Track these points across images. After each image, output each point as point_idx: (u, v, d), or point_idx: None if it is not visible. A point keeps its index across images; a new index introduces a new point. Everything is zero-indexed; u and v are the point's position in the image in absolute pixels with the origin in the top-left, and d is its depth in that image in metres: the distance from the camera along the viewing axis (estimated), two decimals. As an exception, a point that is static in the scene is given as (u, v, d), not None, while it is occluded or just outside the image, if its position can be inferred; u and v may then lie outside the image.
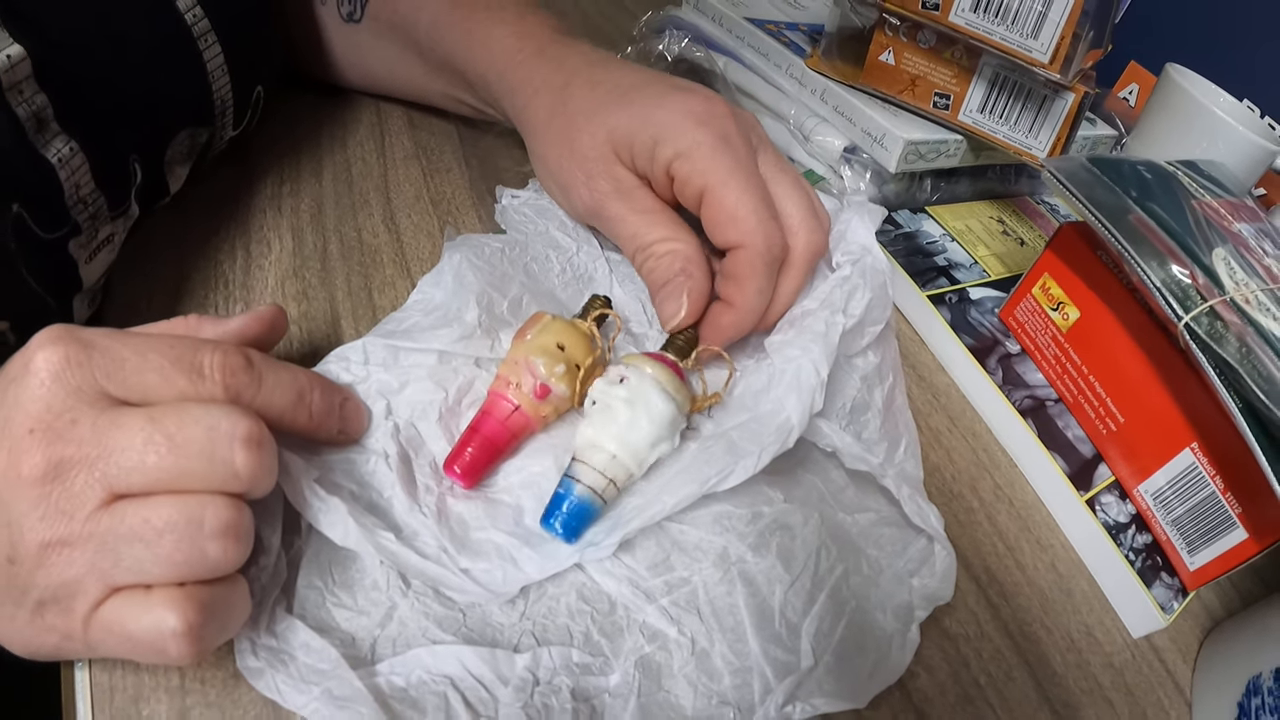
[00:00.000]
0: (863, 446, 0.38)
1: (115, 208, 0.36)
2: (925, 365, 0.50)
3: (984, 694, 0.35)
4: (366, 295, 0.44)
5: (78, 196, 0.34)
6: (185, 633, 0.24)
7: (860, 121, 0.55)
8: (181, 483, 0.25)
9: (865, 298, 0.40)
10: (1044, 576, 0.40)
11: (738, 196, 0.38)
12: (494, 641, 0.30)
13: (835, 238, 0.44)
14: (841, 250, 0.43)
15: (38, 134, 0.32)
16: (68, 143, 0.33)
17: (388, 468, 0.33)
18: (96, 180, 0.35)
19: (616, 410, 0.34)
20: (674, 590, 0.33)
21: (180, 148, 0.42)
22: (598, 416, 0.34)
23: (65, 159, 0.33)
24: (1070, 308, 0.45)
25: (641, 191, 0.41)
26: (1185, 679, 0.39)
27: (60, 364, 0.25)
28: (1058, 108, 0.51)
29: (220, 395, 0.27)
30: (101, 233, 0.36)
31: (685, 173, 0.39)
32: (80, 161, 0.33)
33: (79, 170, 0.33)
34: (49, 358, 0.25)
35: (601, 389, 0.35)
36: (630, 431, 0.33)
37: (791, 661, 0.32)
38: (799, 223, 0.40)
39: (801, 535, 0.35)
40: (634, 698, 0.30)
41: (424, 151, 0.55)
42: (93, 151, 0.34)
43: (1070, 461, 0.44)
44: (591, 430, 0.34)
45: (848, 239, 0.43)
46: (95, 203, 0.35)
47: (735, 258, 0.39)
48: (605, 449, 0.33)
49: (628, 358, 0.36)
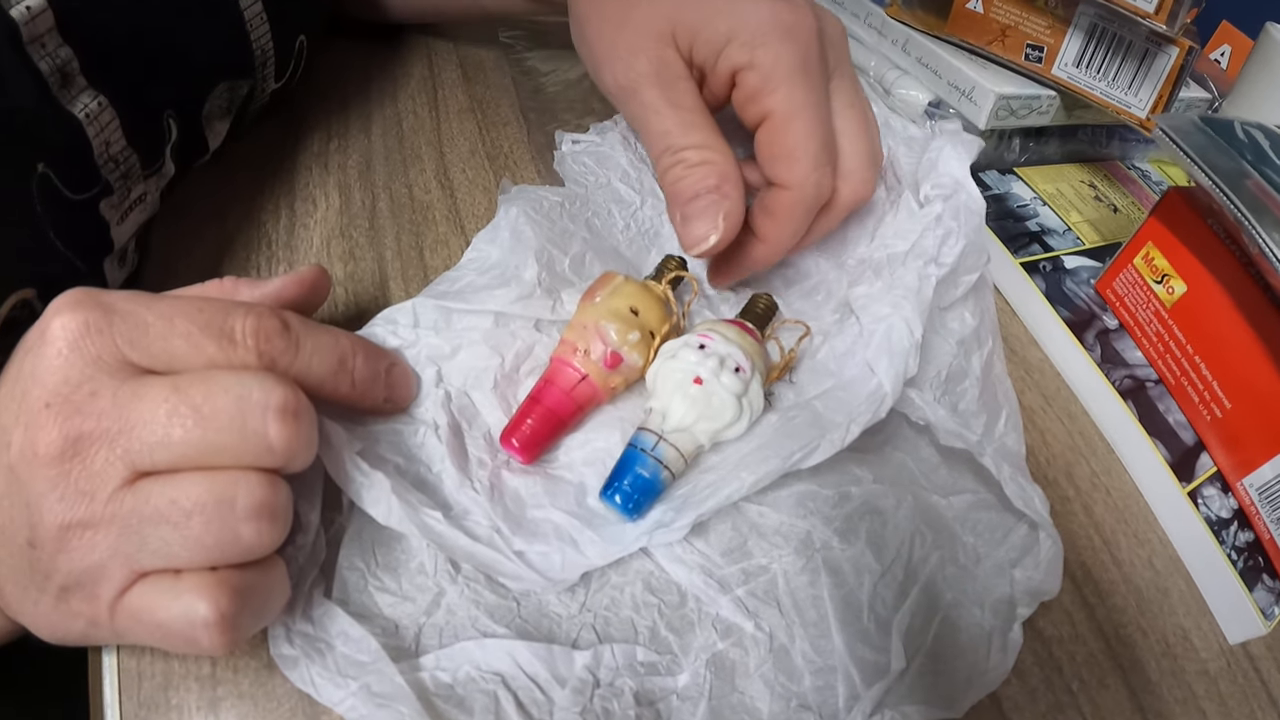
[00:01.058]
0: (959, 420, 0.34)
1: (149, 166, 0.35)
2: (1017, 338, 0.47)
3: (1076, 702, 0.33)
4: (417, 254, 0.42)
5: (108, 155, 0.32)
6: (217, 621, 0.23)
7: (946, 74, 0.53)
8: (211, 458, 0.23)
9: (959, 245, 0.37)
10: (1140, 574, 0.38)
11: (803, 136, 0.35)
12: (551, 635, 0.28)
13: (925, 167, 0.40)
14: (931, 182, 0.40)
15: (63, 89, 0.30)
16: (95, 98, 0.31)
17: (437, 440, 0.30)
18: (128, 137, 0.33)
19: (695, 380, 0.31)
20: (751, 580, 0.30)
21: (219, 101, 0.40)
22: (673, 385, 0.31)
23: (94, 115, 0.31)
24: (1176, 281, 0.42)
25: (686, 84, 0.37)
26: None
27: (78, 331, 0.23)
28: (1160, 63, 0.48)
29: (254, 362, 0.25)
30: (134, 192, 0.34)
31: (753, 87, 0.35)
32: (110, 117, 0.32)
33: (109, 126, 0.32)
34: (66, 325, 0.23)
35: (679, 354, 0.32)
36: (705, 401, 0.31)
37: (881, 663, 0.29)
38: (853, 170, 0.37)
39: (894, 520, 0.32)
40: (704, 701, 0.28)
41: (479, 105, 0.53)
42: (123, 107, 0.32)
43: (1171, 449, 0.41)
44: (662, 398, 0.31)
45: (939, 169, 0.40)
46: (127, 161, 0.33)
47: (779, 197, 0.36)
48: (682, 423, 0.31)
49: (705, 323, 0.33)
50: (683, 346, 0.32)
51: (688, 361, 0.31)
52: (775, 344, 0.36)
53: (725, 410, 0.31)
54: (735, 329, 0.33)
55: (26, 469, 0.23)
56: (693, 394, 0.31)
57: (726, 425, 0.31)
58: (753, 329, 0.34)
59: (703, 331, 0.32)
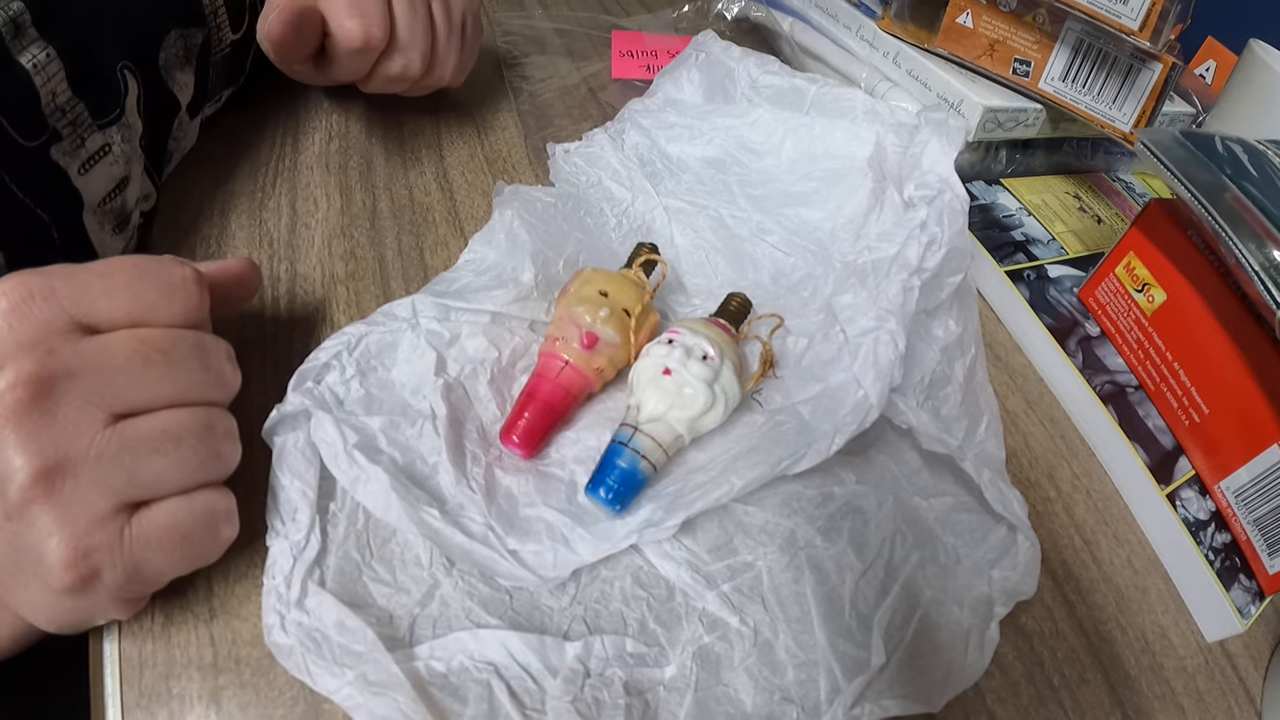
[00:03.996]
0: (941, 425, 0.35)
1: (101, 116, 0.35)
2: (1001, 344, 0.48)
3: (1058, 696, 0.33)
4: (418, 255, 0.42)
5: (55, 105, 0.33)
6: (232, 510, 0.26)
7: (936, 86, 0.53)
8: (181, 395, 0.26)
9: (942, 251, 0.37)
10: (1120, 573, 0.38)
11: None
12: (542, 627, 0.29)
13: (909, 163, 0.41)
14: (915, 181, 0.40)
15: (14, 40, 0.31)
16: (44, 49, 0.32)
17: (435, 432, 0.31)
18: (74, 87, 0.34)
19: (665, 373, 0.32)
20: (736, 576, 0.31)
21: (173, 51, 0.40)
22: (646, 379, 0.32)
23: (41, 65, 0.32)
24: (1156, 289, 0.43)
25: None
26: (1257, 687, 0.37)
27: (22, 297, 0.24)
28: (1144, 79, 0.48)
29: (195, 306, 0.27)
30: (91, 142, 0.35)
31: None
32: (56, 68, 0.33)
33: (55, 77, 0.33)
34: (8, 294, 0.24)
35: (650, 351, 0.33)
36: (676, 391, 0.31)
37: (861, 658, 0.30)
38: None
39: (875, 520, 0.33)
40: (691, 692, 0.28)
41: (477, 108, 0.53)
42: (73, 58, 0.33)
43: (1150, 453, 0.41)
44: (640, 393, 0.32)
45: (923, 166, 0.40)
46: (74, 110, 0.34)
47: None
48: (655, 412, 0.31)
49: (679, 322, 0.34)
50: (654, 344, 0.33)
51: (658, 355, 0.32)
52: (756, 340, 0.37)
53: (697, 398, 0.31)
54: (704, 323, 0.33)
55: None
56: (664, 385, 0.32)
57: (701, 413, 0.32)
58: (725, 324, 0.35)
59: (672, 329, 0.33)
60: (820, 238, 0.43)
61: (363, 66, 0.42)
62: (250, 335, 0.36)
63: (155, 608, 0.28)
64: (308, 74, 0.44)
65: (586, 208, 0.42)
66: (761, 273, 0.42)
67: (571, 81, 0.56)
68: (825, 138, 0.49)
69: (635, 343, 0.34)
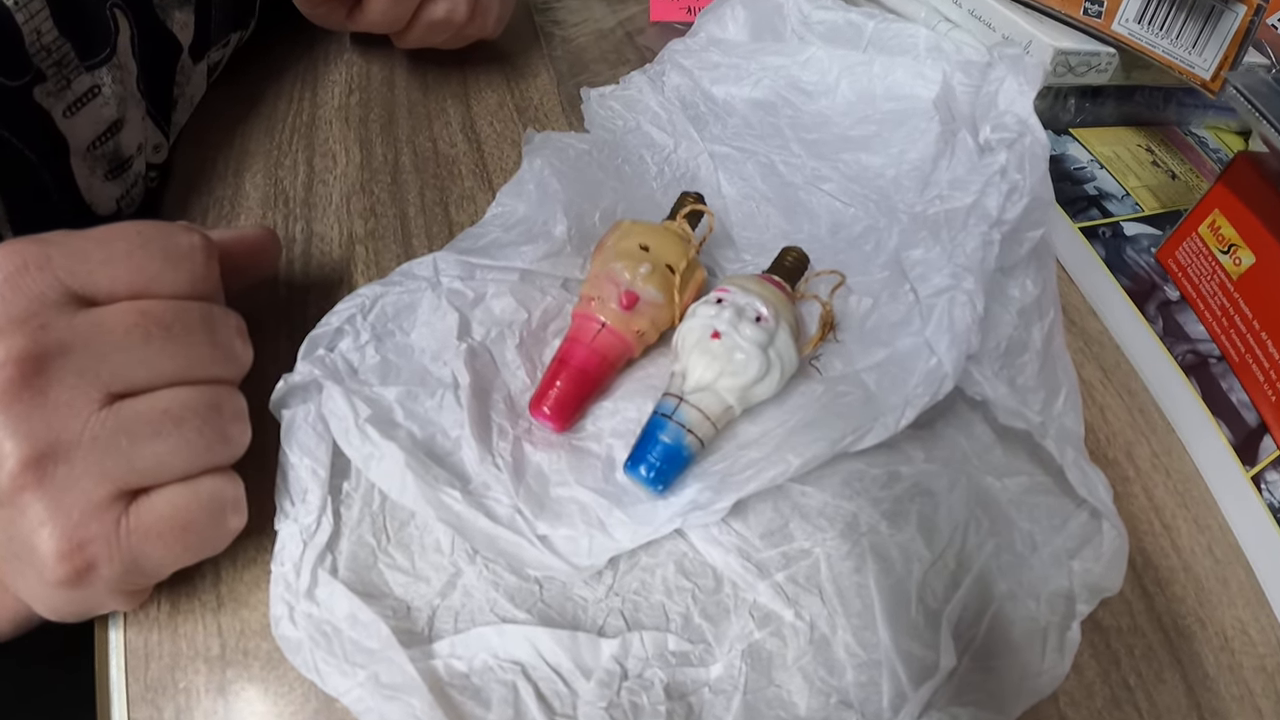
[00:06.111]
0: (1018, 397, 0.32)
1: (89, 57, 0.34)
2: (1075, 308, 0.45)
3: (1133, 697, 0.31)
4: (442, 210, 0.40)
5: (40, 44, 0.32)
6: (240, 498, 0.25)
7: (1001, 26, 0.50)
8: (186, 372, 0.24)
9: (1022, 202, 0.34)
10: (1200, 562, 0.36)
11: None
12: (575, 621, 0.26)
13: (984, 101, 0.38)
14: (992, 122, 0.37)
15: None
16: None
17: (457, 403, 0.29)
18: (60, 27, 0.33)
19: (714, 336, 0.29)
20: (792, 564, 0.28)
21: None
22: (693, 342, 0.30)
23: (23, 3, 0.31)
24: (1244, 251, 0.40)
25: None
26: (1338, 689, 0.35)
27: (16, 268, 0.22)
28: (1226, 22, 0.45)
29: (200, 275, 0.26)
30: (78, 84, 0.34)
31: None
32: (40, 5, 0.32)
33: (38, 15, 0.32)
34: (2, 265, 0.22)
35: (696, 311, 0.30)
36: (726, 356, 0.29)
37: (929, 659, 0.27)
38: None
39: (946, 503, 0.30)
40: (739, 694, 0.26)
41: (507, 55, 0.51)
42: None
43: (1235, 430, 0.38)
44: (683, 358, 0.30)
45: (999, 106, 0.37)
46: (59, 50, 0.33)
47: None
48: (702, 380, 0.29)
49: (728, 279, 0.32)
50: (701, 304, 0.30)
51: (705, 316, 0.30)
52: (814, 300, 0.34)
53: (750, 364, 0.29)
54: (756, 280, 0.31)
55: None
56: (713, 349, 0.29)
57: (753, 381, 0.29)
58: (780, 282, 0.33)
59: (721, 287, 0.31)
60: (882, 185, 0.40)
61: (403, 13, 0.40)
62: (262, 301, 0.34)
63: (161, 595, 0.27)
64: (334, 19, 0.42)
65: (624, 155, 0.40)
66: (818, 224, 0.39)
67: (607, 25, 0.54)
68: (885, 77, 0.46)
69: (680, 302, 0.31)
